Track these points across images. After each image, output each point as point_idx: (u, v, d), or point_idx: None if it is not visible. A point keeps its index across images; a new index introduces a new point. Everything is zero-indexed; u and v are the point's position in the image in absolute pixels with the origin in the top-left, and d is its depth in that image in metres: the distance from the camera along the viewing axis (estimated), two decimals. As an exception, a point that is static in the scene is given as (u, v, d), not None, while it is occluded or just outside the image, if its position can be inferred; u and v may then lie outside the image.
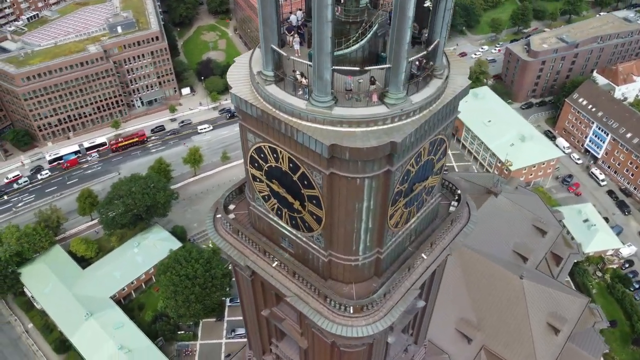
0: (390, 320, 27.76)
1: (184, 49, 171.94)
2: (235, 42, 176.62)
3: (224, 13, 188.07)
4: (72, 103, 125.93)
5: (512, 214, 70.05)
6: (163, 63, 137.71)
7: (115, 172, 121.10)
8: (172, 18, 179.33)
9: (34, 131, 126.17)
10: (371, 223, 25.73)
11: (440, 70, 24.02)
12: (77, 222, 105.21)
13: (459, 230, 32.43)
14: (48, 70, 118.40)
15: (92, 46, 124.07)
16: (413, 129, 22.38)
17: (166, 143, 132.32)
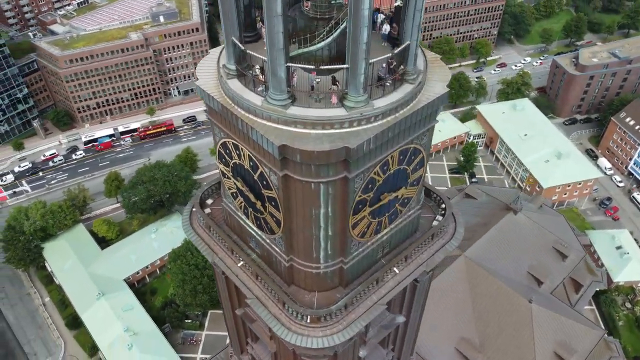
0: (349, 333, 26.43)
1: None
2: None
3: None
4: (111, 88, 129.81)
5: (531, 233, 66.62)
6: (202, 54, 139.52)
7: (145, 157, 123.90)
8: (217, 11, 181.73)
9: (73, 112, 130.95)
10: (331, 230, 24.47)
11: (412, 75, 22.44)
12: (103, 203, 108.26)
13: (440, 246, 30.59)
14: (90, 54, 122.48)
15: (134, 33, 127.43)
16: (372, 135, 20.99)
17: (198, 133, 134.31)
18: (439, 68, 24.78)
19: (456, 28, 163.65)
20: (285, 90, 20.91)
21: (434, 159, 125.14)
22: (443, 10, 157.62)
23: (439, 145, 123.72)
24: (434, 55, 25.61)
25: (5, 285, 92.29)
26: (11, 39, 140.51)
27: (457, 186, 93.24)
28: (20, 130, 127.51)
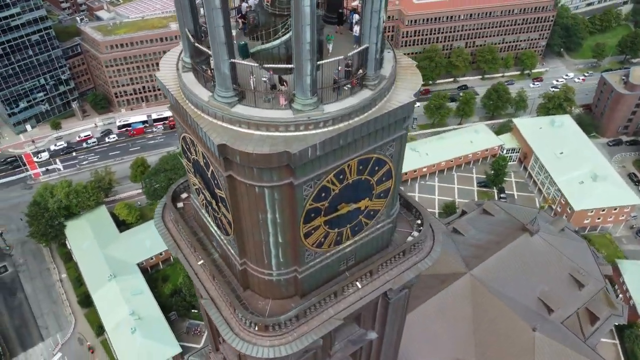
0: (298, 346, 25.28)
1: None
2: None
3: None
4: (148, 75, 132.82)
5: (547, 257, 63.05)
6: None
7: (175, 146, 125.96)
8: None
9: (111, 97, 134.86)
10: (281, 238, 23.36)
11: (373, 81, 21.01)
12: (128, 187, 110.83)
13: (411, 264, 28.86)
14: (130, 41, 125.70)
15: (174, 23, 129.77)
16: (318, 141, 19.73)
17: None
18: (411, 75, 23.24)
19: (501, 37, 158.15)
20: (230, 87, 19.96)
21: (463, 170, 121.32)
22: (488, 18, 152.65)
23: (470, 157, 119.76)
24: (409, 62, 24.09)
25: (28, 258, 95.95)
26: (60, 22, 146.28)
27: (478, 201, 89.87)
28: (60, 111, 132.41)
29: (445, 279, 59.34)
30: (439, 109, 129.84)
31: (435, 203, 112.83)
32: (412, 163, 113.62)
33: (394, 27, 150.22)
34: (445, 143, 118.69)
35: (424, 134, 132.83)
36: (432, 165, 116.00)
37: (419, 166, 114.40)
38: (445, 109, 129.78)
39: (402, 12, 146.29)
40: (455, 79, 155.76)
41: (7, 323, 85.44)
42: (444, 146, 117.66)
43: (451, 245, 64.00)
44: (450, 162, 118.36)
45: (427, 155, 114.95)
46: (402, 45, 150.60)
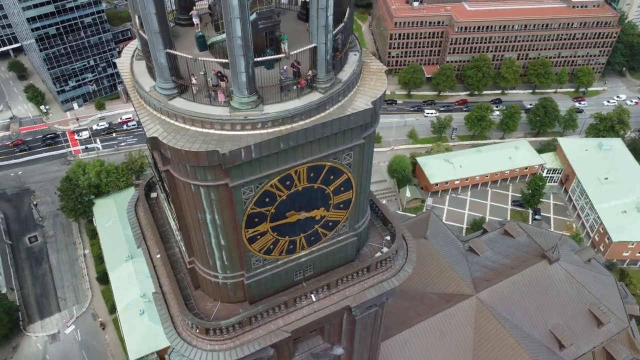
0: (239, 354, 24.34)
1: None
2: (366, 38, 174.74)
3: (365, 7, 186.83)
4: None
5: (565, 289, 58.86)
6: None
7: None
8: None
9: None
10: (223, 240, 22.37)
11: (325, 83, 19.59)
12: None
13: (376, 282, 27.15)
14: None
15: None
16: (253, 143, 18.55)
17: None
18: (375, 82, 21.62)
19: (557, 51, 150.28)
20: (169, 78, 19.14)
21: (499, 187, 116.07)
22: (545, 30, 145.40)
23: (507, 173, 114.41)
24: (379, 67, 22.50)
25: (57, 231, 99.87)
26: (115, 7, 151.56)
27: (502, 220, 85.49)
28: (106, 92, 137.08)
29: (450, 298, 56.53)
30: (481, 121, 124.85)
31: (464, 218, 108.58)
32: (444, 174, 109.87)
33: (442, 33, 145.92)
34: (482, 157, 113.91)
35: (461, 145, 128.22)
36: (465, 179, 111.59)
37: (451, 178, 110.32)
38: (487, 121, 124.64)
39: (452, 18, 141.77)
40: (504, 91, 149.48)
41: (30, 290, 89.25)
42: (481, 160, 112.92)
43: (463, 265, 60.97)
44: (486, 177, 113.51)
45: (461, 168, 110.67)
46: (449, 52, 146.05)
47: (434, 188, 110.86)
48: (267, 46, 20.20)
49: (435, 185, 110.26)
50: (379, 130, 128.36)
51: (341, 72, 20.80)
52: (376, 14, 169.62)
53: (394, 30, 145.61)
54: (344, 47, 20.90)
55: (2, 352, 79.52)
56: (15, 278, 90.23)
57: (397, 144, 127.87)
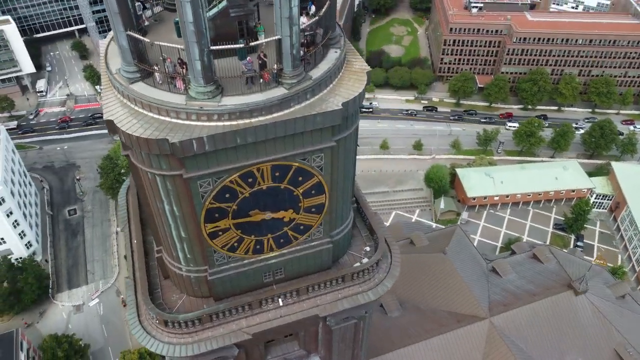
0: (195, 350, 23.69)
1: (369, 36, 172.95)
2: (421, 42, 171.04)
3: (423, 11, 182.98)
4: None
5: (590, 324, 54.72)
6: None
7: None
8: (370, 3, 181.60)
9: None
10: (184, 232, 21.77)
11: (291, 79, 18.50)
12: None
13: (349, 293, 25.79)
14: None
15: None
16: (206, 135, 17.77)
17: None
18: (353, 82, 20.30)
19: (624, 70, 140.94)
20: (131, 62, 18.68)
21: (541, 208, 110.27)
22: (611, 47, 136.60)
23: (551, 194, 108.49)
24: (362, 67, 21.12)
25: (95, 206, 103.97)
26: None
27: (531, 243, 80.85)
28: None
29: (462, 318, 53.82)
30: (530, 137, 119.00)
31: (500, 236, 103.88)
32: (483, 189, 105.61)
33: (499, 43, 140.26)
34: (526, 174, 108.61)
35: (506, 160, 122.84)
36: (505, 195, 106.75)
37: (490, 193, 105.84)
38: (536, 137, 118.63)
39: (511, 28, 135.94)
40: (560, 107, 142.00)
41: (63, 260, 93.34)
42: (524, 177, 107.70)
43: (482, 285, 57.95)
44: (528, 195, 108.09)
45: (502, 184, 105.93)
46: (505, 63, 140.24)
47: (471, 202, 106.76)
48: (242, 36, 19.34)
49: (472, 199, 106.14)
50: (420, 136, 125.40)
51: (315, 68, 19.62)
52: (434, 18, 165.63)
53: (449, 36, 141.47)
54: (320, 42, 19.71)
55: (30, 316, 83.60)
56: (50, 247, 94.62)
57: (439, 153, 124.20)
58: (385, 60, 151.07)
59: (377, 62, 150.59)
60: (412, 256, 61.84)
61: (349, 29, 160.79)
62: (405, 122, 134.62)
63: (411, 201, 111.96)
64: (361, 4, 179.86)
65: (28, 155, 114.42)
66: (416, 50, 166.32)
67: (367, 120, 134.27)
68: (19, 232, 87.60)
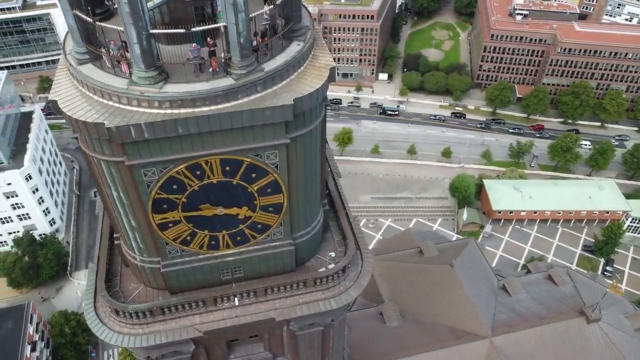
0: (144, 342, 23.26)
1: (408, 38, 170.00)
2: (462, 47, 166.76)
3: (468, 15, 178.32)
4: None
5: (600, 355, 51.38)
6: (369, 42, 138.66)
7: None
8: (413, 5, 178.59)
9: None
10: (133, 221, 21.27)
11: (240, 70, 17.59)
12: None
13: (311, 299, 24.69)
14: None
15: (311, 6, 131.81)
16: (144, 122, 17.13)
17: (337, 117, 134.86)
18: (312, 78, 19.19)
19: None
20: (80, 42, 18.25)
21: (571, 227, 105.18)
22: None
23: (583, 214, 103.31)
24: (326, 63, 19.96)
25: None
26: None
27: (548, 263, 76.88)
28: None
29: (462, 335, 51.57)
30: (566, 152, 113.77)
31: (524, 253, 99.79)
32: (509, 202, 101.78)
33: (542, 52, 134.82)
34: (557, 190, 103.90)
35: (539, 174, 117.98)
36: (533, 211, 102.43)
37: (517, 208, 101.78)
38: (573, 153, 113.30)
39: (556, 37, 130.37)
40: (604, 124, 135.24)
41: (84, 240, 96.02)
42: (555, 194, 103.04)
43: (488, 303, 55.37)
44: (558, 213, 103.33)
45: (530, 199, 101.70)
46: (547, 74, 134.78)
47: (496, 215, 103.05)
48: (201, 22, 18.56)
49: (497, 213, 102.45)
50: (450, 144, 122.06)
51: (271, 60, 18.63)
52: (477, 24, 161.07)
53: (489, 43, 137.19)
54: (278, 32, 18.71)
55: (47, 291, 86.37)
56: (74, 225, 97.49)
57: (468, 162, 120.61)
58: (422, 64, 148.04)
59: (413, 66, 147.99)
60: (418, 266, 59.95)
61: (388, 30, 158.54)
62: (436, 128, 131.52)
63: (434, 209, 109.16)
64: (403, 5, 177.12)
65: (63, 135, 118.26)
66: (456, 56, 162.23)
67: (397, 123, 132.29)
68: (44, 209, 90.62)
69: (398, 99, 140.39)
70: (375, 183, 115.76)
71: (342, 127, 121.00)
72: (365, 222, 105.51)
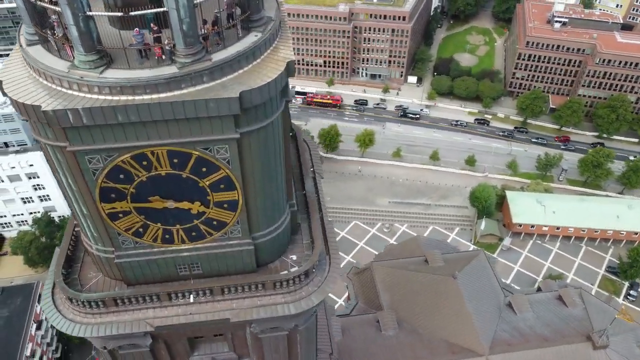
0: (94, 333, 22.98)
1: (442, 42, 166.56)
2: (497, 54, 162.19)
3: (506, 21, 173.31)
4: (305, 49, 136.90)
5: (606, 383, 48.52)
6: (400, 44, 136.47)
7: (304, 121, 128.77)
8: (449, 8, 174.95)
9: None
10: (84, 209, 20.81)
11: (184, 58, 16.83)
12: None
13: (270, 302, 23.78)
14: (297, 12, 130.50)
15: (342, 5, 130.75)
16: (81, 107, 16.59)
17: (362, 117, 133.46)
18: (266, 70, 18.25)
19: None
20: (29, 23, 17.86)
21: (596, 247, 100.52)
22: None
23: (609, 233, 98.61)
24: (285, 57, 18.96)
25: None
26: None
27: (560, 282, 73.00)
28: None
29: (458, 351, 49.66)
30: (597, 168, 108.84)
31: (543, 270, 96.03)
32: (531, 216, 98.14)
33: (580, 62, 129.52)
34: (583, 207, 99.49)
35: (566, 189, 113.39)
36: (556, 227, 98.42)
37: (539, 222, 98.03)
38: (604, 169, 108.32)
39: (595, 48, 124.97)
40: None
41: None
42: (581, 210, 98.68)
43: (490, 319, 53.14)
44: (582, 231, 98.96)
45: (554, 214, 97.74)
46: (583, 85, 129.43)
47: (516, 228, 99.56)
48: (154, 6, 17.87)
49: (518, 226, 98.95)
50: (476, 152, 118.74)
51: (223, 50, 17.79)
52: (514, 30, 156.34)
53: (524, 50, 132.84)
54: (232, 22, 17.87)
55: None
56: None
57: (492, 172, 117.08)
58: (454, 69, 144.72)
59: (444, 70, 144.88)
60: (421, 275, 58.14)
61: (421, 32, 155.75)
62: (462, 134, 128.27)
63: (452, 218, 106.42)
64: (439, 8, 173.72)
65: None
66: (490, 62, 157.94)
67: (421, 128, 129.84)
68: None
69: (425, 103, 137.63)
70: (394, 187, 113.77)
71: (365, 128, 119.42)
72: (380, 226, 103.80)
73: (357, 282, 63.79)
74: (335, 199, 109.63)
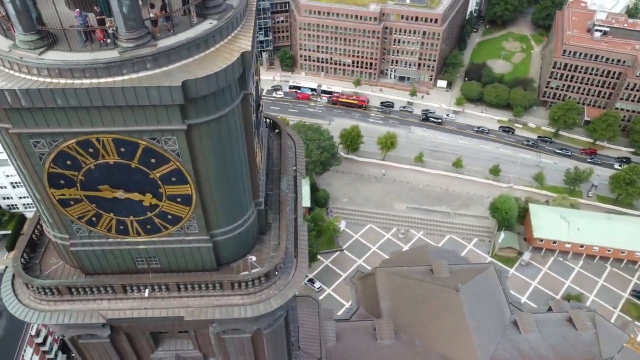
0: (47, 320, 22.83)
1: (476, 47, 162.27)
2: (534, 61, 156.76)
3: (545, 28, 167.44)
4: (334, 47, 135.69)
5: (610, 415, 45.65)
6: (430, 47, 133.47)
7: (327, 120, 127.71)
8: (487, 13, 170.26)
9: (296, 58, 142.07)
10: (37, 194, 20.39)
11: (125, 42, 16.07)
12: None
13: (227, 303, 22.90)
14: (327, 10, 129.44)
15: (374, 4, 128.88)
16: (19, 87, 16.07)
17: (387, 120, 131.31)
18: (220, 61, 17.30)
19: None
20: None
21: (622, 268, 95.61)
22: None
23: (637, 255, 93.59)
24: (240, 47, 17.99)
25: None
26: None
27: (574, 303, 69.52)
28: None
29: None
30: (629, 185, 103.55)
31: (562, 289, 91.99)
32: (553, 231, 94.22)
33: (619, 74, 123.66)
34: (610, 225, 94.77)
35: (595, 206, 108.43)
36: (579, 245, 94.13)
37: (562, 239, 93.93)
38: (636, 187, 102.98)
39: (636, 59, 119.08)
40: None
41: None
42: (607, 229, 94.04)
43: (491, 337, 50.87)
44: (608, 251, 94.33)
45: (578, 231, 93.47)
46: (621, 98, 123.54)
47: (537, 243, 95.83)
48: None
49: (539, 241, 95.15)
50: (501, 161, 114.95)
51: (173, 37, 16.95)
52: (553, 38, 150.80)
53: (560, 59, 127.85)
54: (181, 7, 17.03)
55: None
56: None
57: (518, 183, 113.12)
58: (486, 75, 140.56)
59: (476, 76, 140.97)
60: (424, 285, 56.20)
61: (455, 36, 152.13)
62: (489, 143, 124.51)
63: (471, 228, 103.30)
64: (476, 12, 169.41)
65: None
66: (525, 70, 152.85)
67: (447, 133, 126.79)
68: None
69: (453, 109, 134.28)
70: (414, 193, 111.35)
71: (388, 130, 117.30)
72: (395, 232, 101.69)
73: (360, 287, 62.36)
74: (353, 201, 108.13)
